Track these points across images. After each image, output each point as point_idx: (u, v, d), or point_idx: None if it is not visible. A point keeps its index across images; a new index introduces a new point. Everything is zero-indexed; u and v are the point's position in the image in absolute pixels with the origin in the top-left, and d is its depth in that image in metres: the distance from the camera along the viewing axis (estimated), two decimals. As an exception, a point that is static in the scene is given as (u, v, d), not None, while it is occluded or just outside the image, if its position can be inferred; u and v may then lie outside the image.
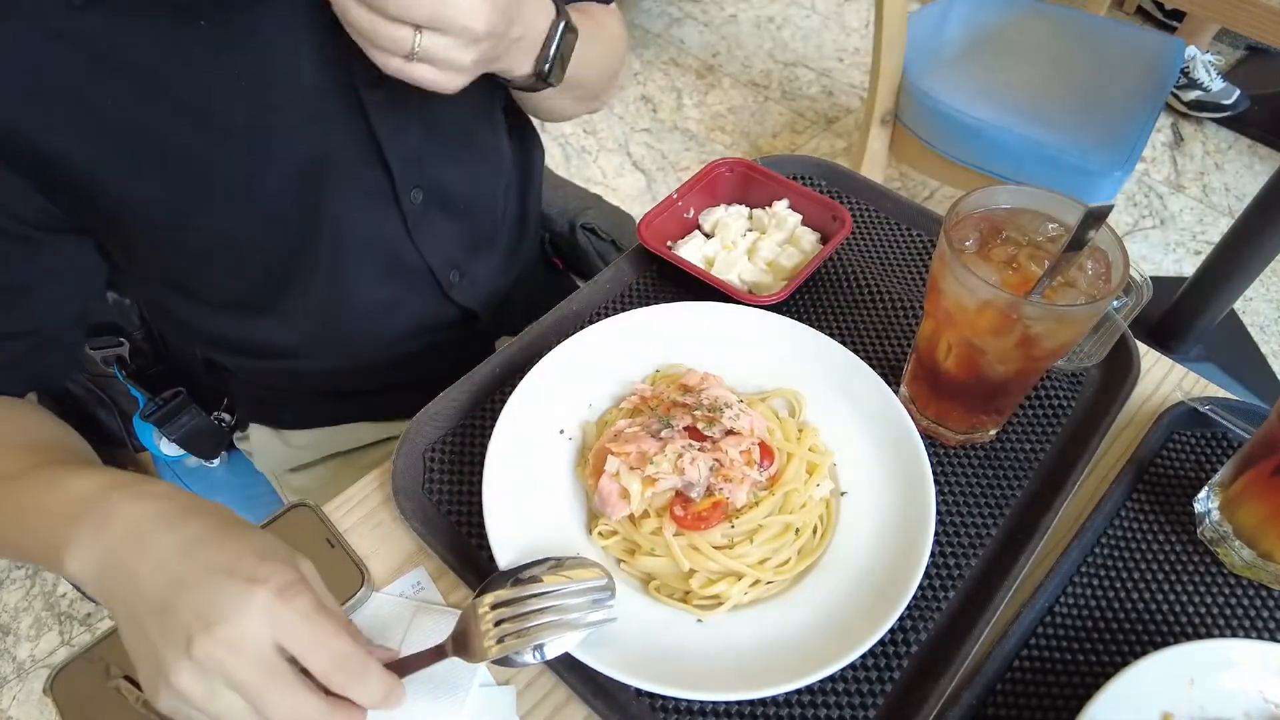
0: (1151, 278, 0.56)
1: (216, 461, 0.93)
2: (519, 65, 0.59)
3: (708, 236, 0.77)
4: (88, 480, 0.47)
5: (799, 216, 0.76)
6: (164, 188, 0.57)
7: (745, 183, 0.79)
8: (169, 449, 0.89)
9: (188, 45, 0.53)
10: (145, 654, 0.42)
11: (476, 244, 0.79)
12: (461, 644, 0.48)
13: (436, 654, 0.48)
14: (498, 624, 0.48)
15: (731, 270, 0.72)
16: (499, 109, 0.77)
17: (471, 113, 0.73)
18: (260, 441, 0.86)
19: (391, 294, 0.74)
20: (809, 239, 0.75)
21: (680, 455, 0.54)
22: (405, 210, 0.69)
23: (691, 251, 0.74)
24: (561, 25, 0.60)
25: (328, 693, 0.42)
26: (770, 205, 0.77)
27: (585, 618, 0.49)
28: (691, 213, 0.78)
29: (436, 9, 0.46)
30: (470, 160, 0.74)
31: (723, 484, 0.53)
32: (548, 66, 0.60)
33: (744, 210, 0.79)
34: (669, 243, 0.75)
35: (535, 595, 0.49)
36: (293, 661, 0.41)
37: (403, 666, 0.48)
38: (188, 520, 0.44)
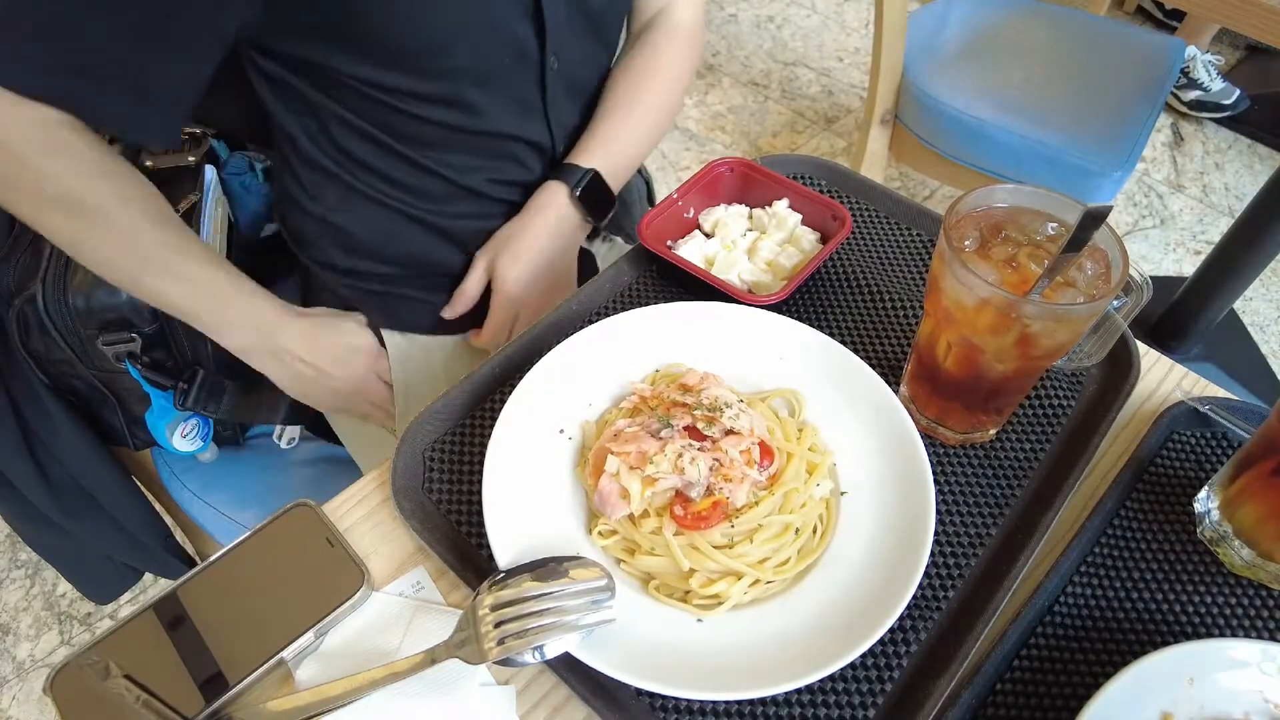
0: (1151, 278, 0.56)
1: (286, 437, 0.94)
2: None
3: (708, 236, 0.77)
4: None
5: (799, 216, 0.76)
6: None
7: (745, 182, 0.79)
8: (182, 444, 0.89)
9: None
10: None
11: (581, 127, 0.89)
12: (462, 645, 0.48)
13: (436, 655, 0.48)
14: (498, 625, 0.48)
15: (731, 270, 0.72)
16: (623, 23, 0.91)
17: (614, 6, 0.86)
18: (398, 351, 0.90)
19: (520, 154, 0.84)
20: (809, 239, 0.75)
21: (680, 455, 0.54)
22: (546, 72, 0.79)
23: (691, 251, 0.74)
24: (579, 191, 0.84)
25: None
26: (770, 205, 0.77)
27: (585, 618, 0.49)
28: (691, 212, 0.78)
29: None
30: (598, 45, 0.87)
31: (722, 484, 0.53)
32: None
33: (744, 210, 0.79)
34: (669, 242, 0.75)
35: (535, 596, 0.49)
36: None
37: (402, 669, 0.48)
38: None
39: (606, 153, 0.87)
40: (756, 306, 0.66)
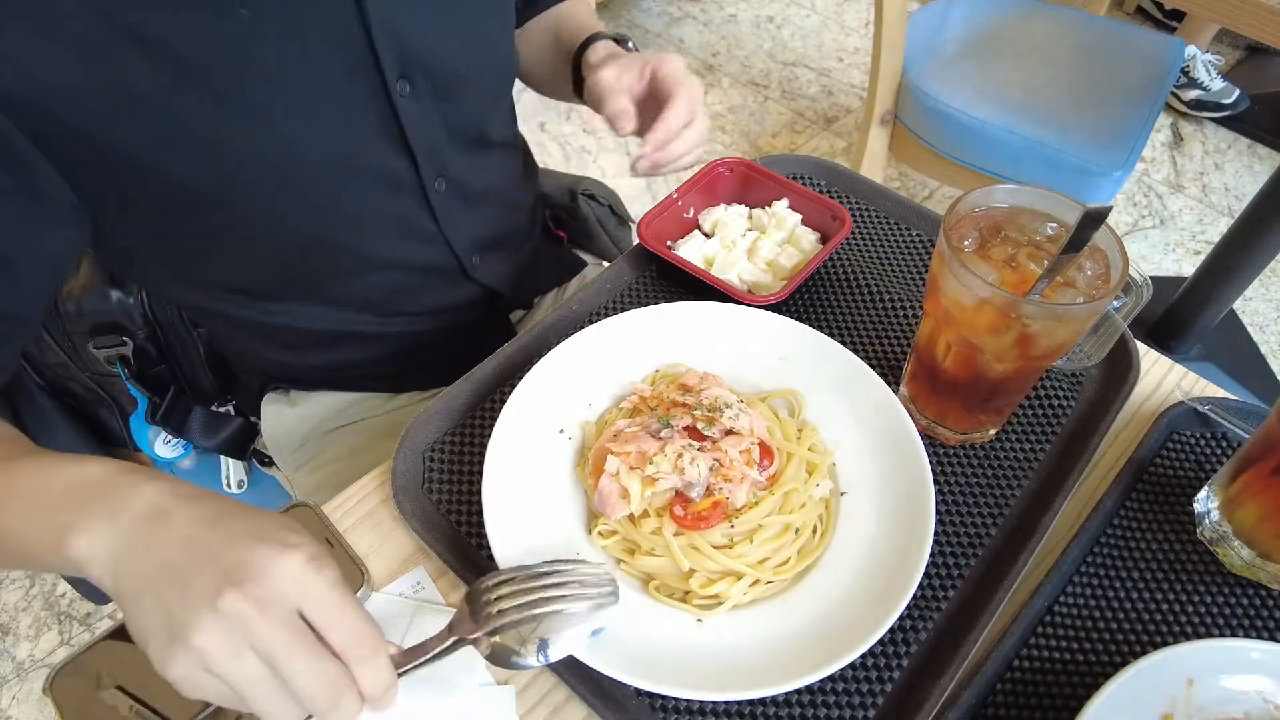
0: (1151, 278, 0.56)
1: (234, 480, 0.94)
2: None
3: (707, 236, 0.77)
4: (94, 466, 0.45)
5: (799, 216, 0.76)
6: (199, 169, 0.58)
7: (745, 182, 0.79)
8: (164, 450, 0.89)
9: (227, 34, 0.54)
10: (159, 623, 0.40)
11: (494, 228, 0.83)
12: (461, 619, 0.47)
13: (438, 640, 0.48)
14: (498, 599, 0.48)
15: (731, 270, 0.72)
16: (511, 101, 0.83)
17: (489, 107, 0.77)
18: (271, 417, 0.87)
19: (418, 280, 0.78)
20: (809, 239, 0.75)
21: (680, 455, 0.54)
22: (431, 199, 0.72)
23: (691, 251, 0.74)
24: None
25: None
26: (770, 205, 0.77)
27: (585, 604, 0.48)
28: (691, 212, 0.78)
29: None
30: (486, 151, 0.79)
31: (722, 484, 0.53)
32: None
33: (744, 210, 0.79)
34: (669, 242, 0.75)
35: (538, 574, 0.49)
36: None
37: (405, 657, 0.47)
38: (206, 499, 0.44)
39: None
40: (756, 306, 0.66)
